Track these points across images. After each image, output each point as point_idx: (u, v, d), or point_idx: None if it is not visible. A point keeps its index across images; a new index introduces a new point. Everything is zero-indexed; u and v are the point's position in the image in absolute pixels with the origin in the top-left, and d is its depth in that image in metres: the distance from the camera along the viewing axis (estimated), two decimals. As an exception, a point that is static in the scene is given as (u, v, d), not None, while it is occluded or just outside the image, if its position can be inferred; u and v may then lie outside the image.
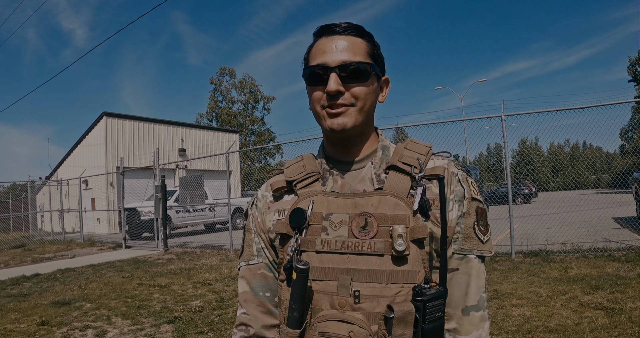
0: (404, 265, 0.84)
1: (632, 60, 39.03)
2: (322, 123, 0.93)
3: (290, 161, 1.05)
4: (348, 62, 0.88)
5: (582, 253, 7.30)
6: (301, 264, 0.83)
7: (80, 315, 5.31)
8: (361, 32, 0.94)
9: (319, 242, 0.88)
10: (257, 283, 1.02)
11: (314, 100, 0.93)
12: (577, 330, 3.85)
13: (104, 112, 20.65)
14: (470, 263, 0.91)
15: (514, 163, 12.40)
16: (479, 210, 0.94)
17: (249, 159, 36.97)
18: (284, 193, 1.01)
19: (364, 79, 0.90)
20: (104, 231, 20.68)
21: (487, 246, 0.93)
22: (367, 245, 0.85)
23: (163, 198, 11.45)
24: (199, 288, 6.60)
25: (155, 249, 12.02)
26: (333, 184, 0.95)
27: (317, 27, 0.96)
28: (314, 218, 0.90)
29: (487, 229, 0.95)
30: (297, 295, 0.84)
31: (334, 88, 0.87)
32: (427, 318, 0.80)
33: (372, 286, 0.84)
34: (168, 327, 4.72)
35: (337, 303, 0.85)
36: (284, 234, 0.93)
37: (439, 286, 0.85)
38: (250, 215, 1.06)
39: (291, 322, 0.85)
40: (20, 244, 15.52)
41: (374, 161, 0.96)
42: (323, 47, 0.91)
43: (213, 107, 45.08)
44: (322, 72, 0.89)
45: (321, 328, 0.83)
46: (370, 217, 0.87)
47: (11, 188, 26.54)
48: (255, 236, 1.04)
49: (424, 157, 0.94)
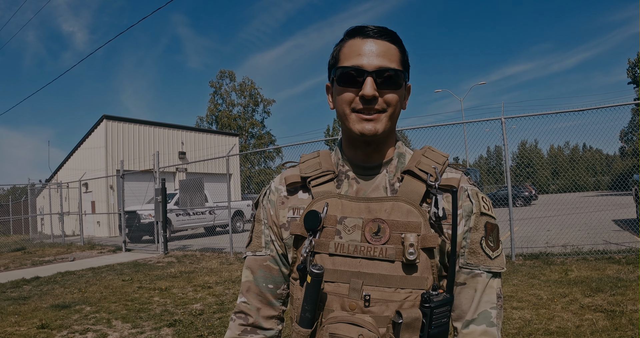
0: (413, 272, 0.86)
1: (632, 62, 39.08)
2: (351, 126, 0.91)
3: (307, 156, 1.05)
4: (385, 68, 0.88)
5: (582, 256, 7.29)
6: (316, 268, 0.85)
7: (81, 318, 5.30)
8: (395, 39, 0.93)
9: (332, 245, 0.90)
10: (261, 274, 1.03)
11: (344, 101, 0.91)
12: (578, 332, 3.84)
13: (104, 115, 20.65)
14: (476, 279, 0.91)
15: (514, 166, 12.41)
16: (489, 225, 0.93)
17: (249, 163, 37.03)
18: (298, 189, 1.01)
19: (398, 87, 0.91)
20: (104, 234, 20.66)
21: (497, 262, 0.92)
22: (379, 251, 0.87)
23: (163, 201, 11.44)
24: (199, 291, 6.59)
25: (155, 252, 12.01)
26: (348, 188, 0.96)
27: (350, 27, 0.95)
28: (328, 221, 0.91)
29: (498, 245, 0.94)
30: (311, 298, 0.86)
31: (371, 93, 0.87)
32: (434, 324, 0.83)
33: (382, 290, 0.86)
34: (168, 330, 4.71)
35: (347, 305, 0.87)
36: (299, 235, 0.94)
37: (446, 293, 0.86)
38: (262, 206, 1.06)
39: (303, 322, 0.88)
40: (20, 247, 15.50)
41: (389, 169, 0.97)
42: (358, 49, 0.90)
43: (213, 110, 45.13)
44: (357, 75, 0.89)
45: (332, 329, 0.85)
46: (383, 223, 0.88)
47: (11, 190, 26.51)
48: (265, 228, 1.04)
49: (441, 166, 0.94)
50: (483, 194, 0.96)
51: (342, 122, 0.95)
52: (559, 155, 18.53)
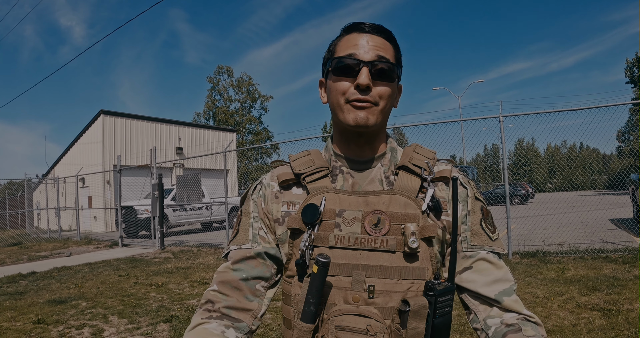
0: (415, 261, 0.87)
1: (630, 62, 39.16)
2: (343, 116, 0.91)
3: (296, 155, 1.03)
4: (380, 59, 0.90)
5: (579, 254, 7.32)
6: (323, 257, 0.82)
7: (77, 313, 5.29)
8: (390, 37, 0.95)
9: (332, 238, 0.89)
10: (242, 266, 0.98)
11: (338, 91, 0.92)
12: (574, 331, 3.86)
13: (101, 110, 20.58)
14: (484, 258, 0.92)
15: (511, 164, 12.43)
16: (484, 209, 0.97)
17: (246, 158, 36.94)
18: (292, 185, 1.00)
19: (391, 80, 0.92)
20: (100, 230, 20.63)
21: (498, 244, 0.95)
22: (379, 242, 0.87)
23: (160, 197, 11.42)
24: (195, 287, 6.58)
25: (152, 248, 11.99)
26: (343, 182, 0.96)
27: (347, 23, 0.97)
28: (326, 215, 0.91)
29: (495, 229, 0.98)
30: (316, 289, 0.83)
31: (366, 82, 0.87)
32: (438, 313, 0.83)
33: (385, 281, 0.86)
34: (164, 325, 4.71)
35: (350, 298, 0.86)
36: (296, 229, 0.92)
37: (447, 282, 0.87)
38: (252, 201, 1.03)
39: (306, 316, 0.84)
40: (16, 242, 15.46)
41: (384, 163, 0.98)
42: (355, 41, 0.92)
43: (210, 106, 45.01)
44: (353, 65, 0.89)
45: (338, 322, 0.84)
46: (383, 215, 0.89)
47: (8, 185, 26.44)
48: (253, 221, 1.01)
49: (432, 161, 0.96)
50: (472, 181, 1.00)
51: (335, 114, 0.95)
52: (556, 154, 18.57)
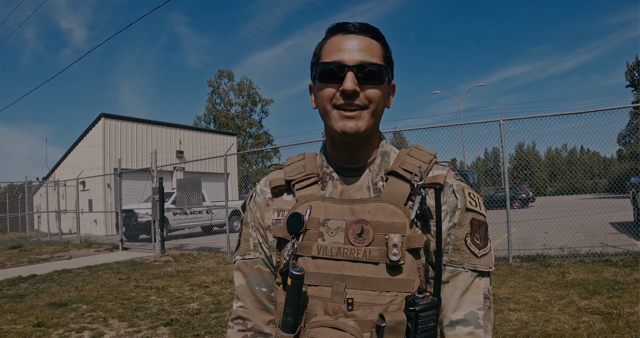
0: (398, 274, 0.84)
1: (630, 65, 39.24)
2: (332, 124, 0.88)
3: (293, 158, 1.03)
4: (366, 62, 0.86)
5: (579, 258, 7.30)
6: (296, 270, 0.82)
7: (77, 316, 5.28)
8: (377, 35, 0.91)
9: (315, 248, 0.88)
10: (253, 278, 1.00)
11: (324, 98, 0.88)
12: (575, 335, 3.85)
13: (102, 113, 20.61)
14: (459, 277, 0.87)
15: (512, 168, 12.43)
16: (475, 222, 0.89)
17: (247, 162, 36.98)
18: (283, 191, 1.00)
19: (380, 82, 0.88)
20: (100, 233, 20.61)
21: (484, 261, 0.88)
22: (362, 253, 0.85)
23: (160, 200, 11.42)
24: (195, 290, 6.57)
25: (152, 251, 11.98)
26: (332, 189, 0.94)
27: (332, 24, 0.93)
28: (311, 223, 0.89)
29: (486, 242, 0.90)
30: (292, 300, 0.84)
31: (352, 87, 0.84)
32: (420, 328, 0.80)
33: (366, 293, 0.84)
34: (165, 329, 4.70)
35: (330, 309, 0.84)
36: (281, 238, 0.92)
37: (433, 296, 0.83)
38: (249, 209, 1.05)
39: (285, 326, 0.85)
40: (16, 245, 15.46)
41: (372, 169, 0.94)
42: (339, 45, 0.88)
43: (211, 109, 45.08)
44: (338, 70, 0.86)
45: (313, 334, 0.83)
46: (367, 224, 0.86)
47: (8, 188, 26.45)
48: (252, 230, 1.02)
49: (426, 165, 0.91)
50: (471, 190, 0.93)
51: (324, 121, 0.92)
52: (556, 157, 18.58)
